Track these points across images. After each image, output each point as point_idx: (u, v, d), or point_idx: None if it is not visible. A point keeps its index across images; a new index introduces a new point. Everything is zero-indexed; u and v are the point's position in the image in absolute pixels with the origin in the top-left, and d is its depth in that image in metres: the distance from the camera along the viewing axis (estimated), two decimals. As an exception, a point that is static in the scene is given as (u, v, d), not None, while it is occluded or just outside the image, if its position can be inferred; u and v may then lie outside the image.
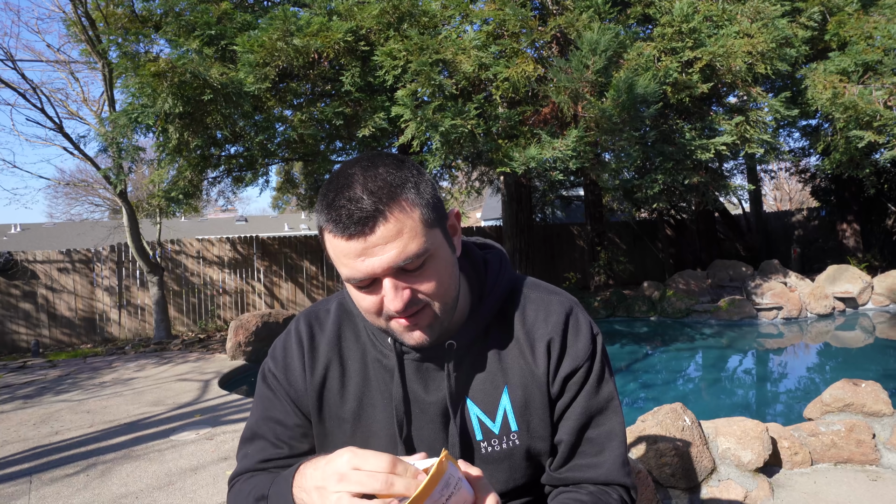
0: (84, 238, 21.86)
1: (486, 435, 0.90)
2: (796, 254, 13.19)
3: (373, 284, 0.78)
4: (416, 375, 0.90)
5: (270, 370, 0.95)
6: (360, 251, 0.74)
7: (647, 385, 5.68)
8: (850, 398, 2.97)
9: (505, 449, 0.90)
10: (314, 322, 0.96)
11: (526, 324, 0.92)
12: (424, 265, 0.78)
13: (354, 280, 0.77)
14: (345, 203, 0.74)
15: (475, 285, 0.93)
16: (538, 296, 0.95)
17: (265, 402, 0.95)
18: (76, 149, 8.66)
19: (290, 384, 0.93)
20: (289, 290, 10.75)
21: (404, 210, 0.75)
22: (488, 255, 0.98)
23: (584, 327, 0.92)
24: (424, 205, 0.78)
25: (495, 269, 0.95)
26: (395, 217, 0.74)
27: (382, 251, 0.74)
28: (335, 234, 0.75)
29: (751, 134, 6.55)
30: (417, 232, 0.76)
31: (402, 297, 0.76)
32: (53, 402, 5.22)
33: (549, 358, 0.90)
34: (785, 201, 28.75)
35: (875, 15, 7.03)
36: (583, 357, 0.90)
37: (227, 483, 3.25)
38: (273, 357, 0.96)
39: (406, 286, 0.77)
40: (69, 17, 7.83)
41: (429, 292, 0.79)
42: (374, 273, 0.75)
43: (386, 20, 5.97)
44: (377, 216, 0.73)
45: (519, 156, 5.70)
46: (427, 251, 0.77)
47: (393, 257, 0.74)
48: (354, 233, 0.73)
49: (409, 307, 0.78)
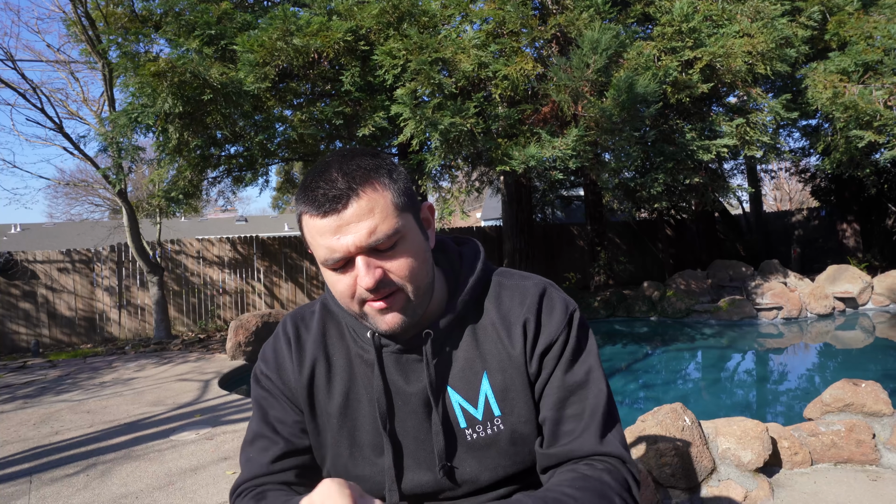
0: (84, 238, 21.86)
1: (469, 422, 0.90)
2: (796, 254, 13.19)
3: (347, 265, 0.81)
4: (396, 367, 0.91)
5: (263, 373, 0.97)
6: (335, 228, 0.78)
7: (647, 385, 5.68)
8: (850, 398, 2.96)
9: (490, 434, 0.90)
10: (300, 322, 0.99)
11: (501, 309, 0.93)
12: (396, 247, 0.82)
13: (330, 261, 0.80)
14: (321, 185, 0.79)
15: (451, 278, 0.96)
16: (512, 283, 0.96)
17: (263, 404, 0.96)
18: (76, 149, 8.66)
19: (284, 383, 0.95)
20: (289, 290, 10.75)
21: (376, 190, 0.80)
22: (463, 249, 1.01)
23: (558, 304, 0.93)
24: (396, 190, 0.83)
25: (470, 261, 0.97)
26: (367, 196, 0.79)
27: (356, 228, 0.78)
28: (311, 213, 0.80)
29: (751, 136, 6.55)
30: (389, 213, 0.80)
31: (373, 275, 0.79)
32: (53, 402, 5.22)
33: (525, 338, 0.91)
34: (785, 201, 28.75)
35: (875, 15, 7.03)
36: (556, 331, 0.90)
37: (226, 482, 3.25)
38: (264, 360, 0.98)
39: (378, 265, 0.81)
40: (69, 16, 7.83)
41: (400, 274, 0.82)
42: (347, 250, 0.79)
43: (386, 20, 5.97)
44: (350, 194, 0.78)
45: (519, 155, 5.70)
46: (398, 232, 0.81)
47: (365, 235, 0.78)
48: (329, 210, 0.78)
49: (381, 287, 0.81)
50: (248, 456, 0.95)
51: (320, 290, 10.90)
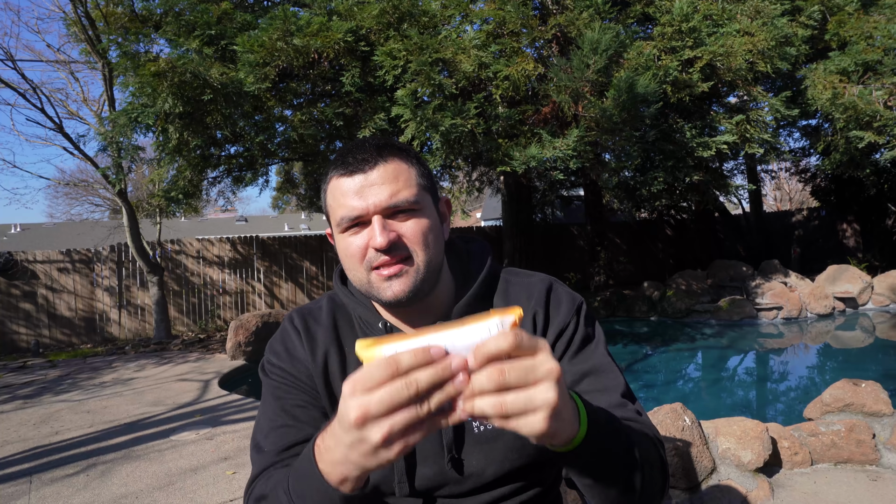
0: (84, 238, 21.83)
1: None
2: (796, 254, 13.19)
3: (361, 226, 0.85)
4: None
5: (274, 363, 0.95)
6: (359, 188, 0.83)
7: (647, 385, 5.68)
8: (850, 398, 2.96)
9: (496, 427, 0.88)
10: (307, 316, 0.98)
11: (509, 303, 0.94)
12: (412, 217, 0.85)
13: (347, 218, 0.84)
14: (353, 150, 0.86)
15: (459, 275, 0.97)
16: (518, 280, 0.99)
17: (278, 393, 0.92)
18: (76, 148, 8.66)
19: (299, 371, 0.93)
20: (289, 291, 10.75)
21: (402, 163, 0.86)
22: (471, 246, 1.03)
23: (565, 296, 0.96)
24: (421, 172, 0.89)
25: (478, 259, 0.99)
26: (394, 164, 0.85)
27: (378, 190, 0.83)
28: (339, 174, 0.85)
29: (751, 133, 6.55)
30: (412, 183, 0.86)
31: (386, 236, 0.82)
32: (53, 402, 5.22)
33: (535, 330, 0.93)
34: (785, 201, 28.75)
35: (875, 14, 7.02)
36: (565, 320, 0.93)
37: (227, 483, 3.24)
38: (274, 352, 0.96)
39: (393, 229, 0.83)
40: (69, 16, 7.83)
41: (413, 240, 0.84)
42: (366, 209, 0.83)
43: (386, 20, 5.97)
44: (378, 159, 0.85)
45: (519, 155, 5.70)
46: (418, 202, 0.85)
47: (386, 197, 0.83)
48: (356, 170, 0.84)
49: (392, 251, 0.83)
50: (258, 447, 0.88)
51: (320, 290, 10.90)
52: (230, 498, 2.90)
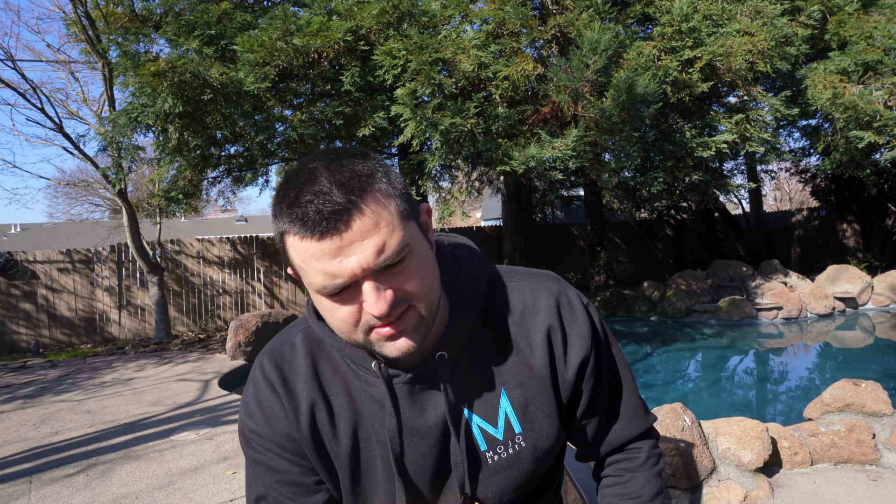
0: (84, 238, 21.84)
1: (490, 443, 0.83)
2: (796, 254, 13.19)
3: (348, 291, 0.68)
4: (410, 400, 0.80)
5: (252, 430, 0.82)
6: (336, 251, 0.65)
7: (647, 385, 5.68)
8: (850, 398, 2.96)
9: (511, 454, 0.83)
10: (281, 362, 0.83)
11: (514, 315, 0.84)
12: (405, 261, 0.69)
13: (330, 288, 0.67)
14: (311, 198, 0.64)
15: (449, 287, 0.83)
16: (519, 283, 0.86)
17: (262, 467, 0.83)
18: (76, 148, 8.67)
19: (280, 436, 0.81)
20: (289, 290, 10.75)
21: (379, 201, 0.67)
22: (457, 251, 0.88)
23: (577, 305, 0.85)
24: (398, 196, 0.70)
25: (468, 265, 0.85)
26: (370, 209, 0.66)
27: (361, 248, 0.65)
28: (303, 234, 0.65)
29: (751, 132, 6.56)
30: (395, 225, 0.68)
31: (385, 299, 0.67)
32: (53, 402, 5.22)
33: (552, 347, 0.83)
34: (785, 201, 28.76)
35: (875, 14, 7.02)
36: (587, 335, 0.84)
37: (227, 482, 3.24)
38: (249, 414, 0.82)
39: (387, 286, 0.68)
40: (69, 16, 7.84)
41: (413, 291, 0.70)
42: (353, 274, 0.66)
43: (386, 20, 5.97)
44: (351, 209, 0.64)
45: (519, 155, 5.70)
46: (407, 245, 0.68)
47: (372, 255, 0.65)
48: (327, 230, 0.64)
49: (393, 309, 0.69)
50: None
51: (320, 290, 10.91)
52: (230, 498, 2.90)
